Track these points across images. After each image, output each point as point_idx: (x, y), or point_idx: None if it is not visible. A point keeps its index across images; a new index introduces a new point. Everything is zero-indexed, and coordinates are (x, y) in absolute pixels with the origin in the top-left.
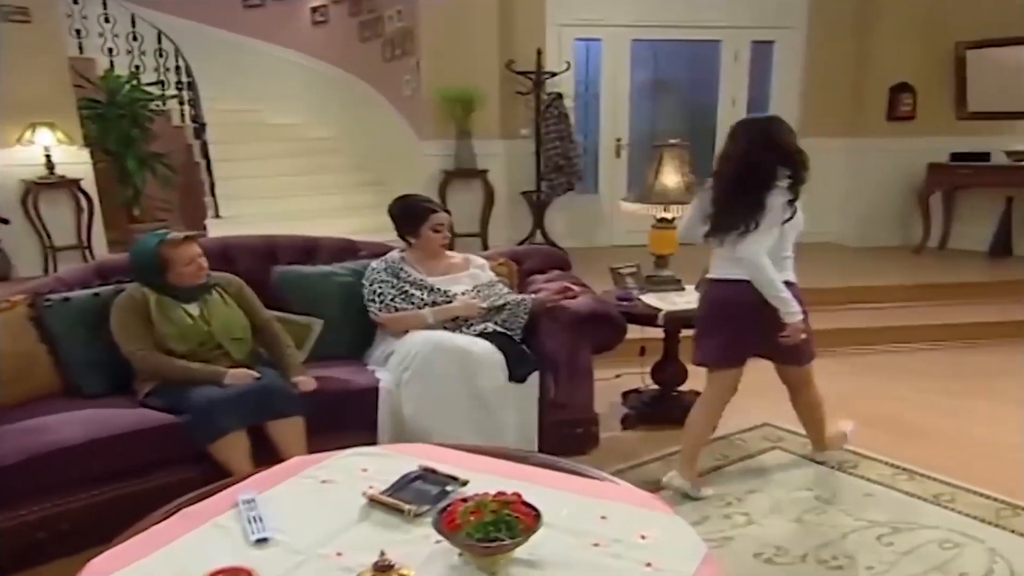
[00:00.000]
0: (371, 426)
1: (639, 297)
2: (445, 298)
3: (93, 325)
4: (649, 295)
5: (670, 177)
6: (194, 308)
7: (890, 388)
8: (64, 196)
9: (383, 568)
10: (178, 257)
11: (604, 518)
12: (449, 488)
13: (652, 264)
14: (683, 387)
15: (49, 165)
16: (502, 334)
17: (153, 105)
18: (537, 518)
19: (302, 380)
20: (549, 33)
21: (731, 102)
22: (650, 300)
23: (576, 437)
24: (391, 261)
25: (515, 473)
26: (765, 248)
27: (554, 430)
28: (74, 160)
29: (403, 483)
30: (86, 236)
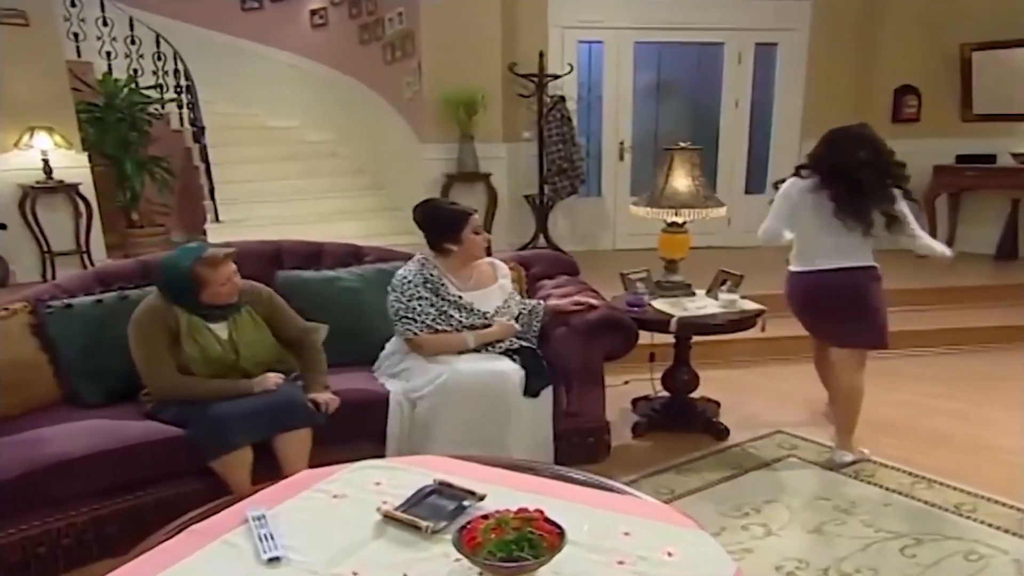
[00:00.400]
0: (377, 437)
1: (650, 303)
2: (484, 320)
3: (95, 333)
4: (659, 301)
5: (681, 181)
6: (222, 329)
7: (899, 394)
8: (62, 201)
9: None
10: (214, 277)
11: (627, 534)
12: (466, 503)
13: (661, 269)
14: (694, 394)
15: (47, 169)
16: (526, 348)
17: (152, 108)
18: (561, 536)
19: (325, 398)
20: (552, 35)
21: (734, 104)
22: (661, 306)
23: (588, 446)
24: (429, 274)
25: (532, 487)
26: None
27: (565, 439)
28: (72, 164)
29: (418, 498)
30: (84, 241)
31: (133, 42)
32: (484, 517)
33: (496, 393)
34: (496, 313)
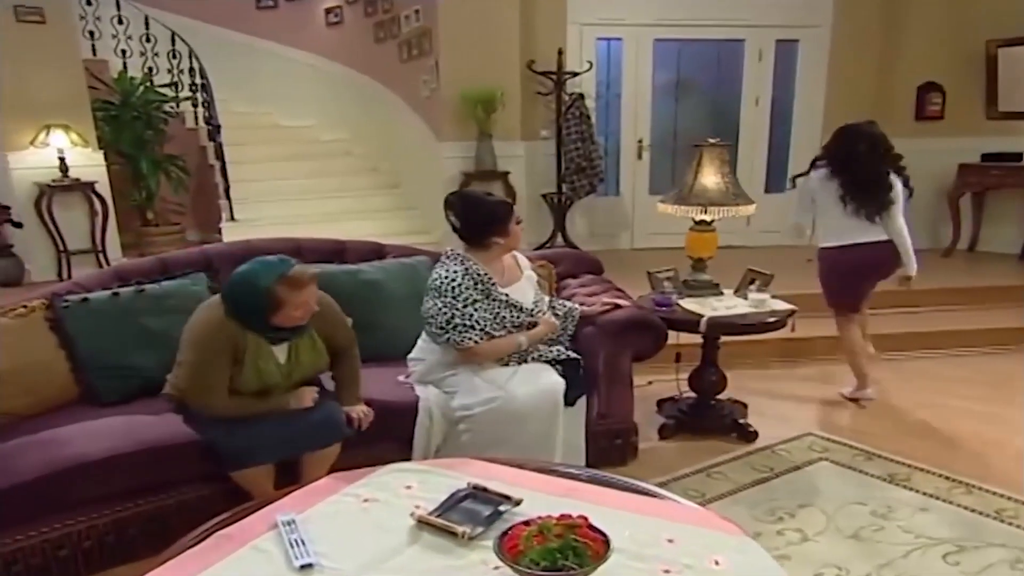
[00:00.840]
0: (401, 440)
1: (678, 302)
2: (530, 318)
3: (112, 327)
4: (687, 300)
5: (710, 178)
6: (282, 352)
7: (927, 396)
8: (78, 199)
9: None
10: (293, 300)
11: (671, 541)
12: (502, 508)
13: (688, 268)
14: (721, 395)
15: (63, 168)
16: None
17: (167, 107)
18: (606, 544)
19: (359, 412)
20: (570, 32)
21: (754, 102)
22: (689, 305)
23: (616, 448)
24: (476, 273)
25: (568, 491)
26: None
27: (593, 441)
28: (88, 163)
29: (452, 503)
30: (100, 240)
31: (148, 40)
32: (525, 523)
33: (547, 411)
34: (536, 308)
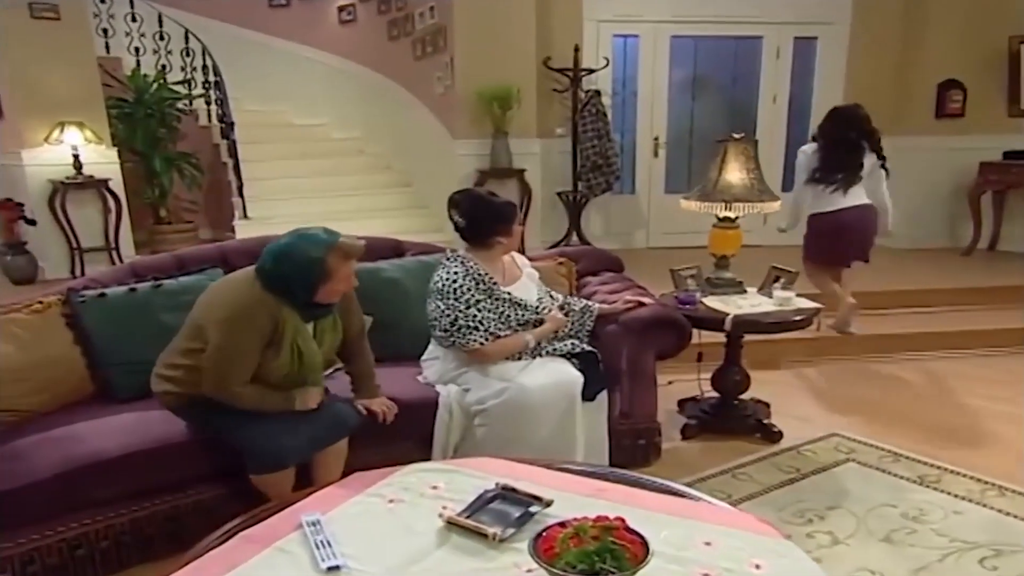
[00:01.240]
0: (420, 439)
1: (701, 300)
2: (535, 315)
3: (129, 323)
4: (710, 298)
5: (735, 173)
6: (309, 328)
7: (951, 396)
8: (92, 197)
9: None
10: (343, 272)
11: (708, 544)
12: (533, 509)
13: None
14: (744, 395)
15: (77, 165)
16: (587, 353)
17: (180, 104)
18: (645, 547)
19: (380, 405)
20: (587, 29)
21: (772, 99)
22: (712, 303)
23: (639, 448)
24: (477, 273)
25: (598, 492)
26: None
27: (615, 441)
28: (102, 160)
29: (481, 503)
30: (114, 237)
31: (162, 38)
32: (561, 525)
33: (563, 407)
34: (541, 305)
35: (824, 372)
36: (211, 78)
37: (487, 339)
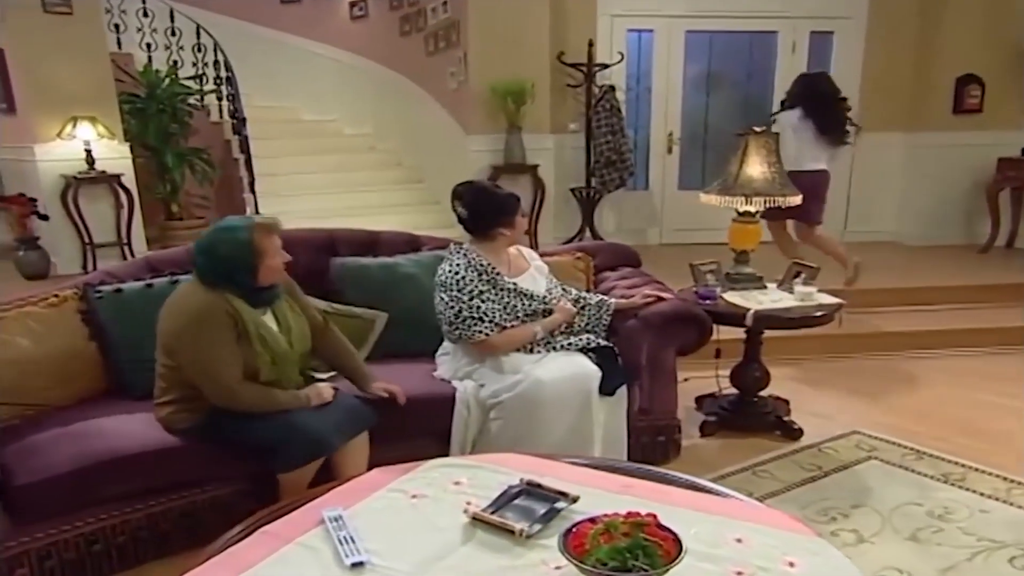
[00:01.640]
0: (438, 434)
1: (721, 295)
2: (544, 305)
3: (145, 319)
4: (730, 293)
5: (755, 167)
6: (270, 320)
7: (970, 393)
8: (104, 192)
9: None
10: (272, 248)
11: (740, 541)
12: (559, 505)
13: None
14: (764, 392)
15: (89, 160)
16: (604, 347)
17: (192, 100)
18: (677, 544)
19: (394, 389)
20: (601, 24)
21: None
22: (732, 299)
23: (658, 445)
24: (480, 264)
25: (624, 487)
26: None
27: (635, 437)
28: (115, 155)
29: (505, 499)
30: (126, 233)
31: (173, 33)
32: (591, 521)
33: (580, 401)
34: (549, 295)
35: (840, 369)
36: (223, 74)
37: (493, 330)
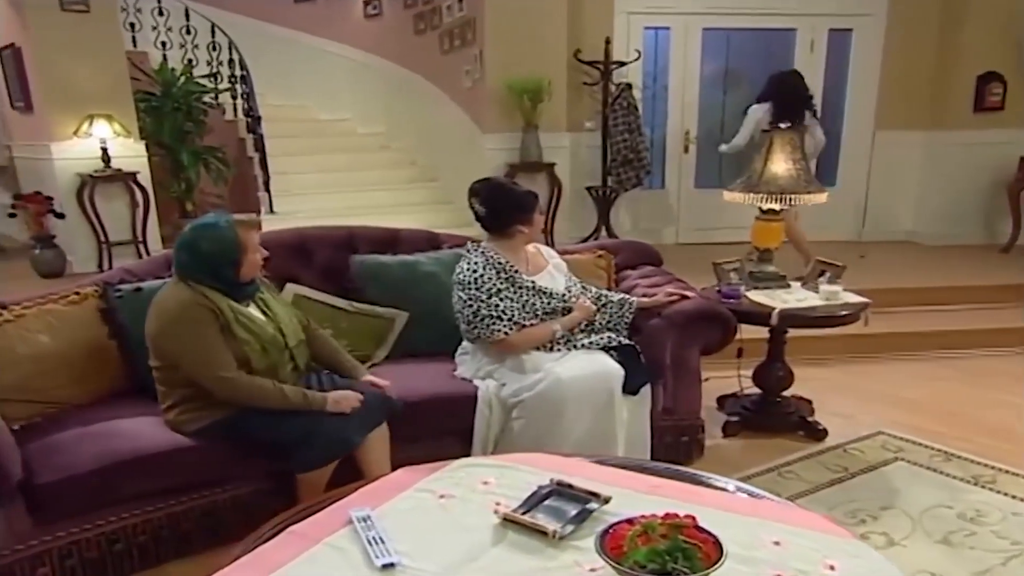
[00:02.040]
0: (460, 434)
1: (745, 294)
2: (563, 303)
3: None
4: (754, 292)
5: (780, 164)
6: (254, 310)
7: (994, 394)
8: (119, 190)
9: None
10: (253, 242)
11: (777, 543)
12: (591, 506)
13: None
14: (787, 392)
15: (105, 158)
16: (626, 346)
17: (207, 98)
18: (718, 547)
19: (381, 383)
20: (618, 21)
21: None
22: (756, 297)
23: (682, 445)
24: (497, 262)
25: (654, 488)
26: None
27: (658, 437)
28: (130, 153)
29: (536, 500)
30: (141, 231)
31: (188, 32)
32: (628, 522)
33: (602, 400)
34: (568, 293)
35: (864, 369)
36: (237, 72)
37: (511, 328)
